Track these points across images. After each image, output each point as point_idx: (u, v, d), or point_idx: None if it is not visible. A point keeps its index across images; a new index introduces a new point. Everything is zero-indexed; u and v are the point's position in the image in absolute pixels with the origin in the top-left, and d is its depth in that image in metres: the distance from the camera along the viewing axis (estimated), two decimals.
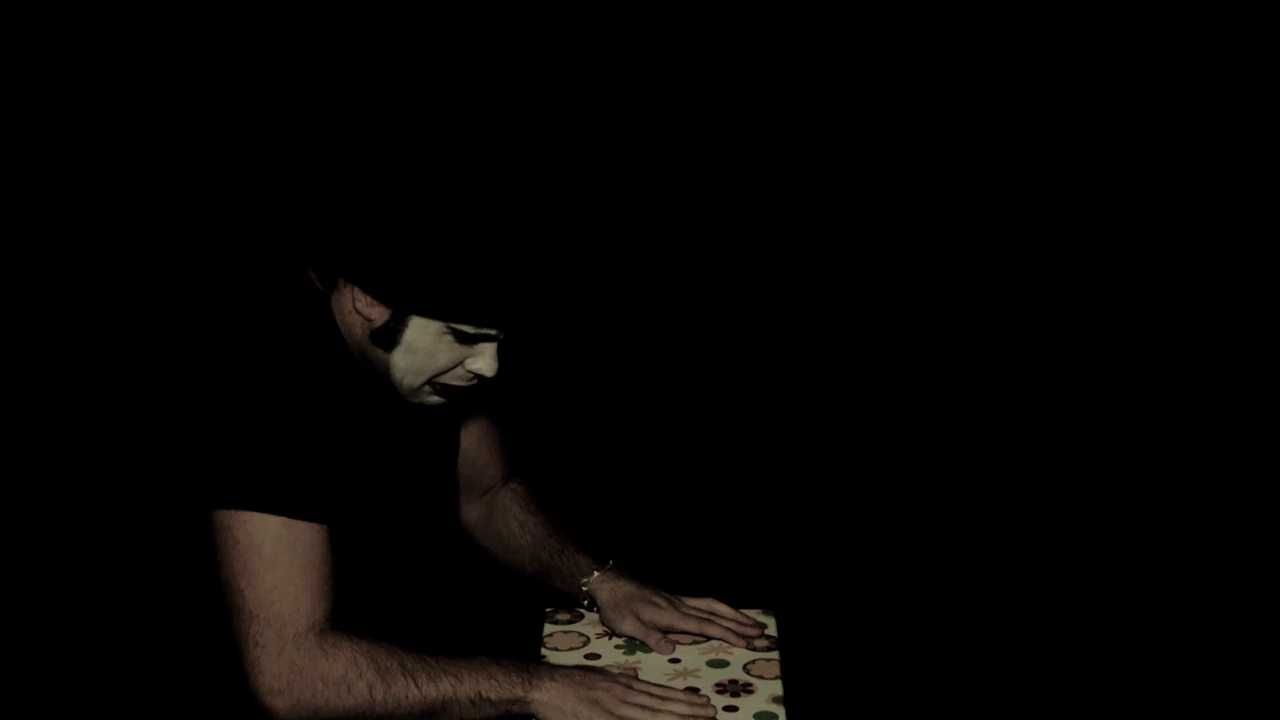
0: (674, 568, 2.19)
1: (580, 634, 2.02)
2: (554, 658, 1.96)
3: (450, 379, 1.85)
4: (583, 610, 2.07)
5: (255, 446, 1.77)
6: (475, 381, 1.85)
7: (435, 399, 1.87)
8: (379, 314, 1.82)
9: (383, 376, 1.86)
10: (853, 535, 2.81)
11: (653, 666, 1.94)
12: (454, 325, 1.79)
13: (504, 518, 2.17)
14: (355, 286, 1.82)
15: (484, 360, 1.82)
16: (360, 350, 1.87)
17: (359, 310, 1.83)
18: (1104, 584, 2.63)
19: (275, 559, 1.76)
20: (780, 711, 1.85)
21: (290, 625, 1.76)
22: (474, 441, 2.17)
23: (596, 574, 2.07)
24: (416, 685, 1.78)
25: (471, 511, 2.21)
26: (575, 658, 1.96)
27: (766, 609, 2.09)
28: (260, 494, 1.77)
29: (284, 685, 1.74)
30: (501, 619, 2.09)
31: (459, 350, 1.82)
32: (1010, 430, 3.21)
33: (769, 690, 1.89)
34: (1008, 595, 2.50)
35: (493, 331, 1.81)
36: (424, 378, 1.84)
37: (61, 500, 2.45)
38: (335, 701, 1.75)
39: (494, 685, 1.80)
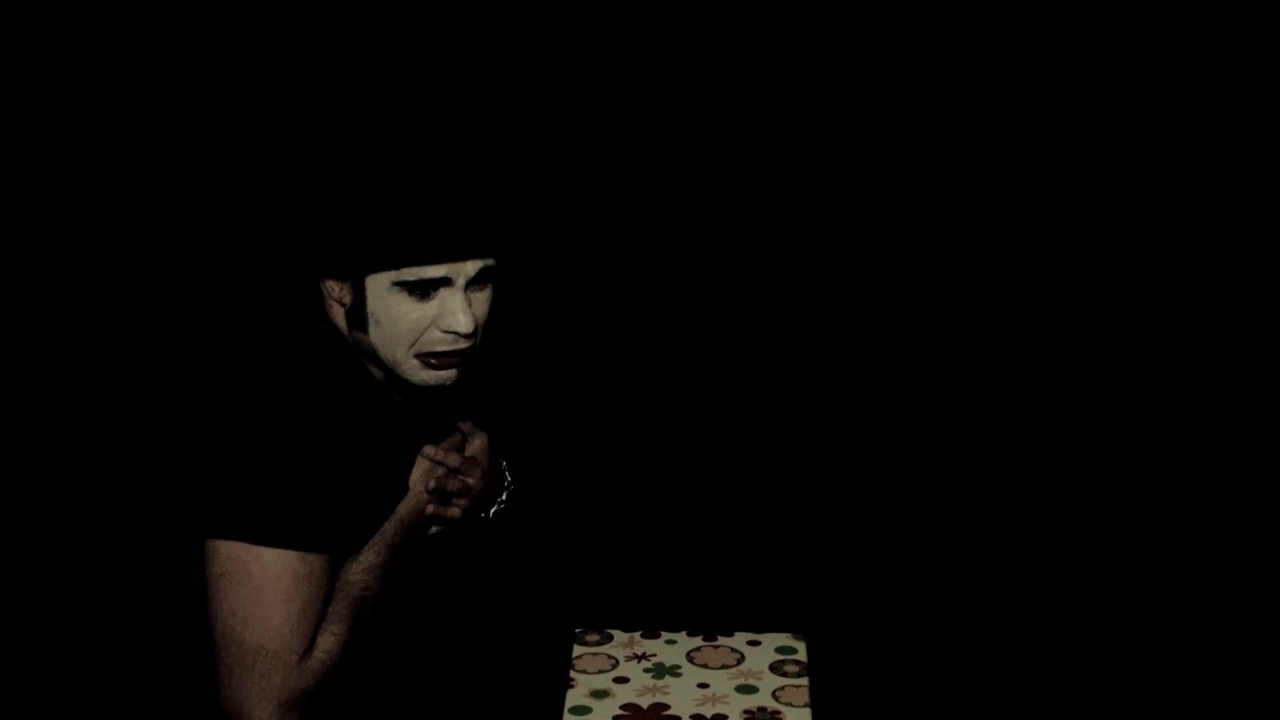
0: (701, 590, 2.18)
1: (609, 656, 2.02)
2: (582, 680, 1.96)
3: (430, 344, 1.83)
4: (612, 632, 2.06)
5: (274, 480, 1.77)
6: (461, 342, 1.83)
7: (435, 374, 1.85)
8: (345, 293, 1.85)
9: (389, 371, 1.87)
10: (886, 559, 2.79)
11: (681, 691, 1.94)
12: (399, 277, 1.79)
13: None
14: (323, 279, 1.86)
15: (453, 315, 1.81)
16: (360, 349, 1.88)
17: (333, 299, 1.86)
18: (1157, 615, 2.60)
19: (291, 593, 1.77)
20: None
21: (294, 654, 1.77)
22: None
23: None
24: (367, 608, 1.86)
25: None
26: (604, 680, 1.96)
27: (796, 633, 2.07)
28: (280, 530, 1.77)
29: (289, 712, 1.77)
30: (529, 641, 2.08)
31: (423, 308, 1.81)
32: (1051, 455, 3.18)
33: (798, 718, 1.88)
34: (1046, 624, 2.48)
35: (436, 275, 1.80)
36: (403, 345, 1.83)
37: (63, 514, 2.43)
38: (328, 689, 1.81)
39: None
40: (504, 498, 2.09)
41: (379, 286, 1.81)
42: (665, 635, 2.06)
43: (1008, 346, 3.30)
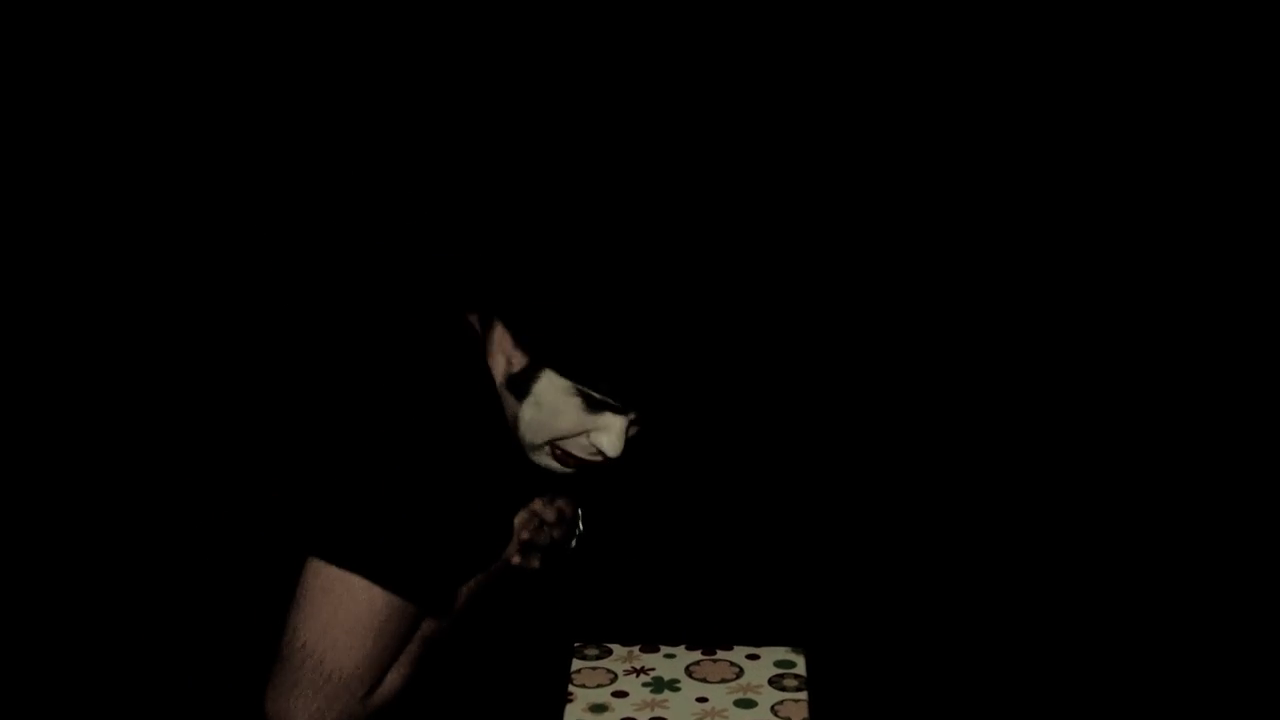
0: (700, 604, 2.17)
1: (608, 670, 2.01)
2: (581, 695, 1.95)
3: (572, 446, 1.81)
4: (611, 646, 2.06)
5: (413, 531, 1.74)
6: (598, 458, 1.81)
7: (556, 465, 1.84)
8: (518, 360, 1.79)
9: (512, 430, 1.83)
10: (885, 572, 2.78)
11: (680, 706, 1.93)
12: (583, 388, 1.75)
13: None
14: (505, 327, 1.80)
15: (608, 436, 1.78)
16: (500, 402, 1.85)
17: (504, 351, 1.81)
18: (1164, 632, 2.59)
19: (383, 631, 1.76)
20: None
21: (364, 688, 1.76)
22: None
23: None
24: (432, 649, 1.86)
25: None
26: (603, 695, 1.95)
27: (795, 646, 2.07)
28: (404, 579, 1.75)
29: None
30: (528, 654, 2.08)
31: (585, 418, 1.78)
32: (1050, 467, 3.17)
33: None
34: (1048, 639, 2.47)
35: (618, 404, 1.76)
36: (545, 437, 1.80)
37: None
38: None
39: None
40: (573, 544, 2.08)
41: (559, 379, 1.76)
42: (664, 649, 2.06)
43: (1003, 362, 3.30)
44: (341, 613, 1.73)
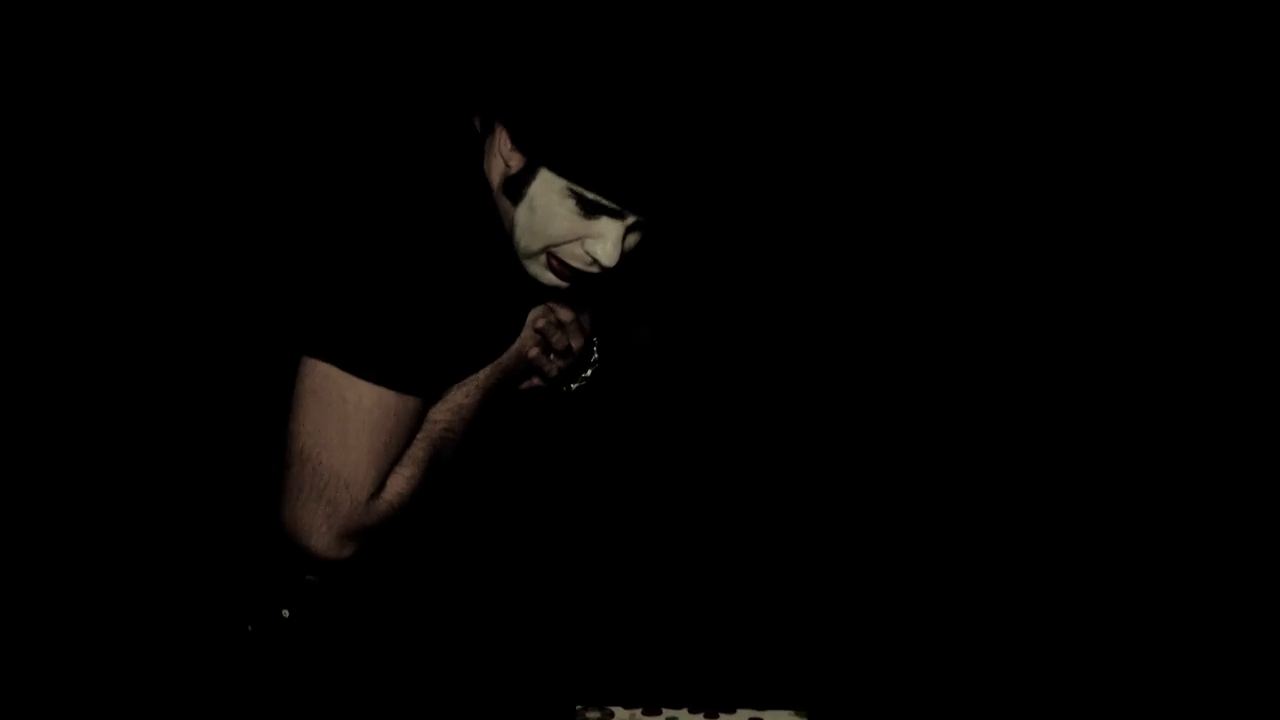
0: (701, 664, 2.16)
1: None
2: None
3: (567, 254, 1.80)
4: (613, 709, 2.04)
5: (391, 317, 1.72)
6: (594, 268, 1.80)
7: (550, 276, 1.82)
8: (516, 161, 1.78)
9: (508, 239, 1.82)
10: (889, 637, 2.77)
11: None
12: (576, 188, 1.74)
13: None
14: (504, 128, 1.79)
15: (603, 245, 1.77)
16: (497, 208, 1.83)
17: (501, 153, 1.80)
18: (1172, 677, 2.58)
19: (378, 428, 1.74)
20: None
21: (365, 490, 1.74)
22: None
23: None
24: (445, 452, 1.84)
25: None
26: None
27: (799, 710, 2.06)
28: (386, 367, 1.73)
29: (348, 543, 1.74)
30: (529, 715, 2.06)
31: (580, 223, 1.77)
32: (1059, 529, 3.16)
33: None
34: (1059, 694, 2.46)
35: (614, 205, 1.75)
36: (540, 242, 1.79)
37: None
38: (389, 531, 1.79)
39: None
40: (588, 374, 2.05)
41: (553, 181, 1.76)
42: (667, 712, 2.05)
43: (995, 394, 3.30)
44: (330, 411, 1.72)
